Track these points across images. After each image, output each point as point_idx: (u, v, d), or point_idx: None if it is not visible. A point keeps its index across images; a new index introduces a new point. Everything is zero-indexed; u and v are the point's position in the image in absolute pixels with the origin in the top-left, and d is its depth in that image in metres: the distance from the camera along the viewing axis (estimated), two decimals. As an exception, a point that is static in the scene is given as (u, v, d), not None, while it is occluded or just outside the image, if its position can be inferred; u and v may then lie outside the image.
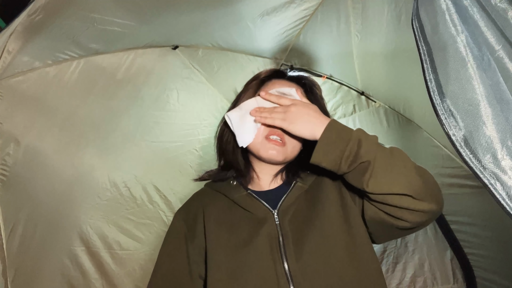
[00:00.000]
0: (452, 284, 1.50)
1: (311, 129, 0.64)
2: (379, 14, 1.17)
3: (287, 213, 0.70)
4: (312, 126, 0.64)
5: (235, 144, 0.76)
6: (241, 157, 0.79)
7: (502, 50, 0.46)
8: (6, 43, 0.91)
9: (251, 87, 0.80)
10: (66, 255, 1.25)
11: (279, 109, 0.69)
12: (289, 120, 0.67)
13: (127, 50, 1.35)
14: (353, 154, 0.60)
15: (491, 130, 0.42)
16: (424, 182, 0.59)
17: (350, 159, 0.60)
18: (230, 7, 1.26)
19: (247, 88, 0.81)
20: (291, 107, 0.68)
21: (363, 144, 0.60)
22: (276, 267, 0.63)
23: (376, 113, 1.67)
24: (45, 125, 1.19)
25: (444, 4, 0.48)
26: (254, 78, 0.82)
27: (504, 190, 0.41)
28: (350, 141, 0.60)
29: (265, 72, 0.82)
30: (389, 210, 0.61)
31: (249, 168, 0.80)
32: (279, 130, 0.71)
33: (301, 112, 0.67)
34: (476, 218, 1.39)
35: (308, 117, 0.66)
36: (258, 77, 0.81)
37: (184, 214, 0.78)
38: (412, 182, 0.58)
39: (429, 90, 0.48)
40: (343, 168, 0.61)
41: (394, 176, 0.58)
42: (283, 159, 0.73)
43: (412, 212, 0.59)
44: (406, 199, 0.58)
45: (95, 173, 1.34)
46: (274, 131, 0.71)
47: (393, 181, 0.58)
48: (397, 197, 0.58)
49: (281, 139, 0.72)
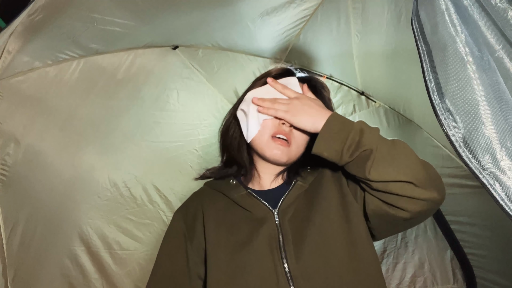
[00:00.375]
0: (452, 284, 1.50)
1: (313, 121, 0.65)
2: (379, 14, 1.17)
3: (287, 212, 0.69)
4: (314, 119, 0.65)
5: (241, 140, 0.76)
6: (247, 153, 0.78)
7: (502, 50, 0.46)
8: (6, 43, 0.91)
9: (259, 83, 0.80)
10: (66, 255, 1.25)
11: (282, 101, 0.69)
12: (291, 112, 0.67)
13: (127, 50, 1.35)
14: (355, 143, 0.60)
15: (490, 130, 0.42)
16: (426, 170, 0.59)
17: (352, 147, 0.60)
18: (230, 7, 1.26)
19: (255, 84, 0.81)
20: (294, 99, 0.68)
21: (365, 133, 0.61)
22: (276, 267, 0.63)
23: (376, 113, 1.67)
24: (45, 125, 1.19)
25: (443, 4, 0.48)
26: (264, 75, 0.82)
27: (503, 190, 0.41)
28: (352, 130, 0.61)
29: (275, 70, 0.82)
30: (391, 200, 0.61)
31: (252, 166, 0.79)
32: (286, 130, 0.71)
33: (304, 105, 0.67)
34: (476, 218, 1.38)
35: (310, 109, 0.66)
36: (269, 74, 0.81)
37: (183, 214, 0.78)
38: (414, 170, 0.58)
39: (429, 90, 0.48)
40: (345, 158, 0.61)
41: (396, 164, 0.59)
42: (287, 160, 0.73)
43: (413, 201, 0.59)
44: (407, 187, 0.58)
45: (95, 173, 1.34)
46: (280, 130, 0.71)
47: (395, 168, 0.58)
48: (399, 184, 0.58)
49: (288, 139, 0.71)
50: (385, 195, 0.61)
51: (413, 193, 0.58)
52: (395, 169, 0.58)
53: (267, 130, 0.72)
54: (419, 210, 0.60)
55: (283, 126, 0.71)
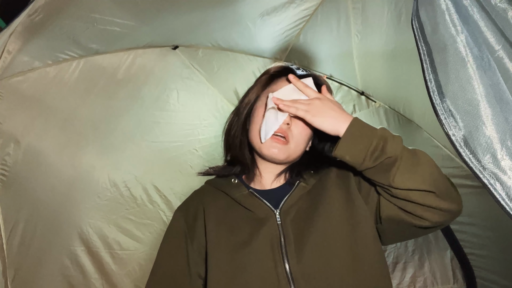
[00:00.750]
0: (452, 284, 1.50)
1: (334, 123, 0.64)
2: (379, 14, 1.17)
3: (289, 213, 0.69)
4: (335, 121, 0.64)
5: (243, 139, 0.76)
6: (248, 152, 0.78)
7: (502, 50, 0.46)
8: (6, 43, 0.91)
9: (259, 82, 0.79)
10: (66, 255, 1.25)
11: (303, 100, 0.69)
12: (312, 112, 0.66)
13: (127, 50, 1.35)
14: (379, 149, 0.60)
15: (490, 130, 0.42)
16: (447, 181, 0.61)
17: (376, 153, 0.60)
18: (230, 7, 1.26)
19: (256, 84, 0.80)
20: (316, 100, 0.67)
21: (389, 140, 0.61)
22: (277, 268, 0.62)
23: (376, 113, 1.67)
24: (45, 125, 1.19)
25: (444, 4, 0.48)
26: (264, 73, 0.81)
27: (503, 190, 0.41)
28: (376, 136, 0.61)
29: (274, 68, 0.81)
30: (411, 208, 0.61)
31: (254, 165, 0.79)
32: (284, 127, 0.70)
33: (326, 106, 0.66)
34: (476, 218, 1.38)
35: (332, 112, 0.66)
36: (267, 73, 0.80)
37: (184, 212, 0.77)
38: (436, 180, 0.59)
39: (429, 90, 0.48)
40: (367, 163, 0.61)
41: (420, 173, 0.59)
42: (285, 158, 0.72)
43: (434, 211, 0.59)
44: (430, 196, 0.59)
45: (95, 173, 1.34)
46: (278, 128, 0.70)
47: (419, 177, 0.59)
48: (421, 193, 0.59)
49: (285, 137, 0.71)
50: (404, 202, 0.61)
51: (434, 203, 0.59)
52: (419, 178, 0.59)
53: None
54: (438, 220, 0.61)
55: (281, 124, 0.70)
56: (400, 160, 0.60)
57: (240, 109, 0.79)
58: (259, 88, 0.79)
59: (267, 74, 0.80)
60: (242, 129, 0.78)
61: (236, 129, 0.79)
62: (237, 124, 0.78)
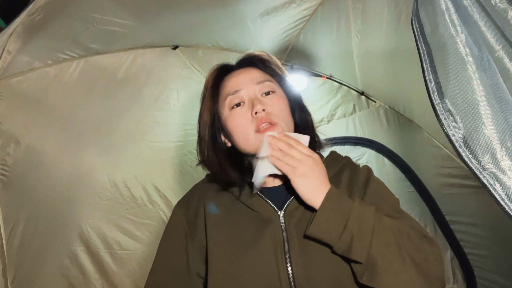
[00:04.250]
0: (452, 284, 1.50)
1: (311, 192, 0.62)
2: (379, 14, 1.17)
3: (294, 215, 0.67)
4: (314, 191, 0.62)
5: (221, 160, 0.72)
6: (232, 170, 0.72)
7: (502, 50, 0.46)
8: (6, 43, 0.91)
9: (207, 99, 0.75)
10: (66, 255, 1.25)
11: (295, 154, 0.64)
12: (300, 172, 0.62)
13: (127, 50, 1.35)
14: (345, 247, 0.58)
15: (490, 130, 0.42)
16: (424, 275, 0.58)
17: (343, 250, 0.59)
18: (230, 7, 1.26)
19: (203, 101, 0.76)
20: (309, 160, 0.63)
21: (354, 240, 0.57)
22: (280, 272, 0.61)
23: (376, 113, 1.67)
24: (45, 125, 1.19)
25: (444, 4, 0.48)
26: (205, 88, 0.77)
27: (503, 190, 0.41)
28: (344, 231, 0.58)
29: (211, 76, 0.78)
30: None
31: (250, 168, 0.76)
32: (263, 115, 0.67)
33: (314, 170, 0.62)
34: (476, 218, 1.38)
35: (316, 179, 0.62)
36: (207, 86, 0.77)
37: (184, 209, 0.74)
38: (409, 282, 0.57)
39: (429, 90, 0.48)
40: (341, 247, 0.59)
41: (391, 277, 0.57)
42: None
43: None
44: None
45: (95, 173, 1.34)
46: (259, 120, 0.67)
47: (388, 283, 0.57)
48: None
49: (270, 122, 0.67)
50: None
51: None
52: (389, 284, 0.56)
53: (248, 129, 0.68)
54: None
55: (257, 115, 0.67)
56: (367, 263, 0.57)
57: (201, 133, 0.75)
58: (210, 104, 0.74)
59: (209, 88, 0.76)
60: (215, 151, 0.73)
61: (208, 154, 0.74)
62: (208, 148, 0.74)
